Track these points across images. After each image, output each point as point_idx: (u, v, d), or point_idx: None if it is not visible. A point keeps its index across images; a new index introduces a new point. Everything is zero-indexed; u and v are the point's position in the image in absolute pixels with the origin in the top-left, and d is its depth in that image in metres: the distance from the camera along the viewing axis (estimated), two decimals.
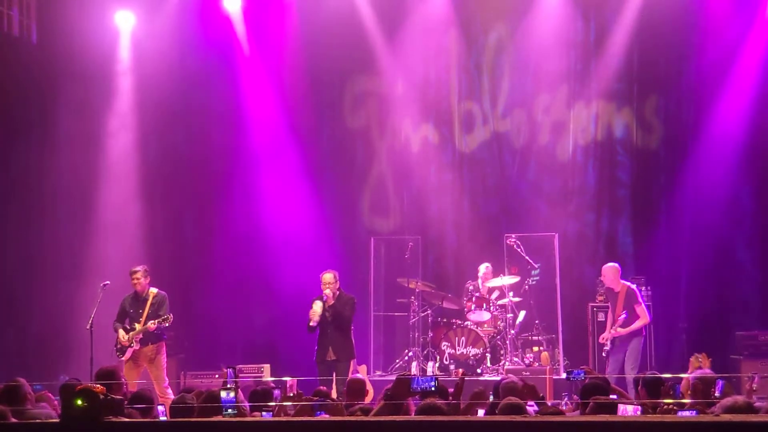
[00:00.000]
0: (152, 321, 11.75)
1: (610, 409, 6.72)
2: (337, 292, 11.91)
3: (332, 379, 11.46)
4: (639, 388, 8.63)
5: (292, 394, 8.40)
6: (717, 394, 7.66)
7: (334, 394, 10.34)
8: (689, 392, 8.28)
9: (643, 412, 6.73)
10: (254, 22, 15.59)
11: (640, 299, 12.66)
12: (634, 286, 12.84)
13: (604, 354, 12.68)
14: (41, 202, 15.19)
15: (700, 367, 9.61)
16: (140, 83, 15.56)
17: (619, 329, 12.49)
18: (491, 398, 7.79)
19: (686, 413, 6.56)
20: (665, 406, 6.82)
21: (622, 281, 12.82)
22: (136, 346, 11.81)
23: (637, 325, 12.50)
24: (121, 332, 11.87)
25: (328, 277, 11.89)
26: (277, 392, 8.47)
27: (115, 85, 15.44)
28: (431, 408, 6.38)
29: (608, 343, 12.61)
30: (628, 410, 6.63)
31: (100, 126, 15.43)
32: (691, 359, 11.01)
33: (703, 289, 14.55)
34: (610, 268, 12.81)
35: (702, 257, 14.56)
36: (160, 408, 8.50)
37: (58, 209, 15.26)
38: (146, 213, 15.55)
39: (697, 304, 14.54)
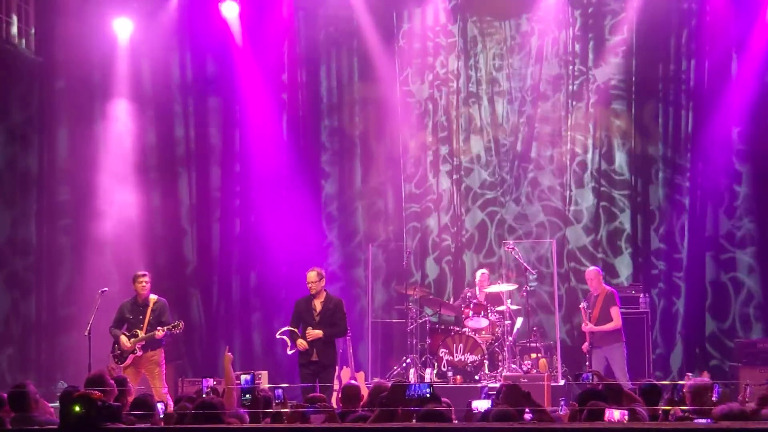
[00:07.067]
0: (160, 328, 11.71)
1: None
2: (323, 293, 11.71)
3: (318, 386, 11.19)
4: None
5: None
6: (714, 398, 7.80)
7: None
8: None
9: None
10: (252, 28, 15.59)
11: (617, 303, 12.80)
12: (614, 291, 12.97)
13: (587, 363, 12.69)
14: (40, 207, 15.17)
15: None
16: (138, 90, 15.55)
17: (590, 325, 12.66)
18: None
19: (702, 421, 6.68)
20: (679, 413, 6.90)
21: (604, 285, 13.00)
22: (138, 353, 11.79)
23: (608, 326, 12.62)
24: (123, 338, 11.82)
25: (312, 275, 11.61)
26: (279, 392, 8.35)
27: (113, 92, 15.42)
28: (432, 415, 6.36)
29: (588, 345, 12.74)
30: (615, 416, 6.64)
31: (98, 132, 15.42)
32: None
33: (702, 296, 14.56)
34: (593, 272, 13.06)
35: (701, 263, 14.57)
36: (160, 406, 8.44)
37: (57, 216, 15.25)
38: (145, 218, 15.51)
39: (695, 310, 14.55)
